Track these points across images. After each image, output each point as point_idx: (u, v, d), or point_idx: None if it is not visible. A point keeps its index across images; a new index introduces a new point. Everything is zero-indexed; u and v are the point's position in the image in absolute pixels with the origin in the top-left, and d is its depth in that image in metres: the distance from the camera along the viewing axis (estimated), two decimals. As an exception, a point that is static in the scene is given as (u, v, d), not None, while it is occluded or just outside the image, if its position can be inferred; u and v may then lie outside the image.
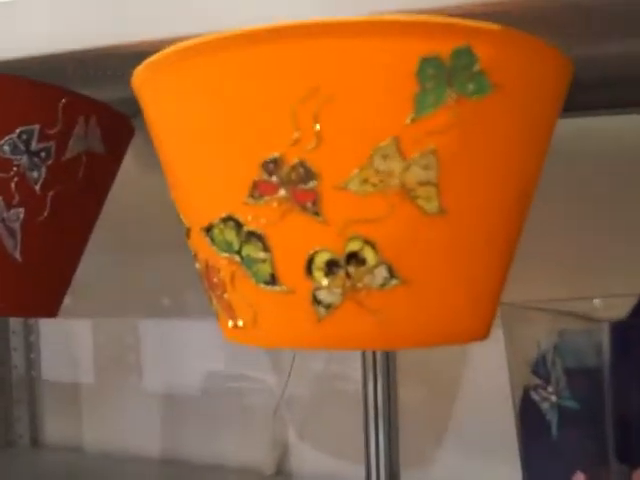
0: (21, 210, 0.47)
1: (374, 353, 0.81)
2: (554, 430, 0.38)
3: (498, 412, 0.76)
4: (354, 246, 0.33)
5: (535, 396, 0.40)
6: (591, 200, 0.72)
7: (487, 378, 0.78)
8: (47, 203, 0.48)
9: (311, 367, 0.85)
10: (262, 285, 0.35)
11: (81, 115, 0.48)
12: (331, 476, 0.83)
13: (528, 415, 0.40)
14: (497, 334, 0.75)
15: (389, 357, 0.80)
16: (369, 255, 0.33)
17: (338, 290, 0.33)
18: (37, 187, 0.47)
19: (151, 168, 0.90)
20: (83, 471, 0.91)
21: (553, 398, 0.38)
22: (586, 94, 0.65)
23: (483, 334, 0.37)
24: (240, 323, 0.36)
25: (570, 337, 0.40)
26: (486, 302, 0.37)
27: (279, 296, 0.34)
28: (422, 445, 0.81)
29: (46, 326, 1.02)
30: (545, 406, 0.39)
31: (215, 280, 0.37)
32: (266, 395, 0.87)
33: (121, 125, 0.54)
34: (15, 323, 1.02)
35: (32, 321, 1.02)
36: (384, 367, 0.80)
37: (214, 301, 0.39)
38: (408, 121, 0.32)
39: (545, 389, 0.39)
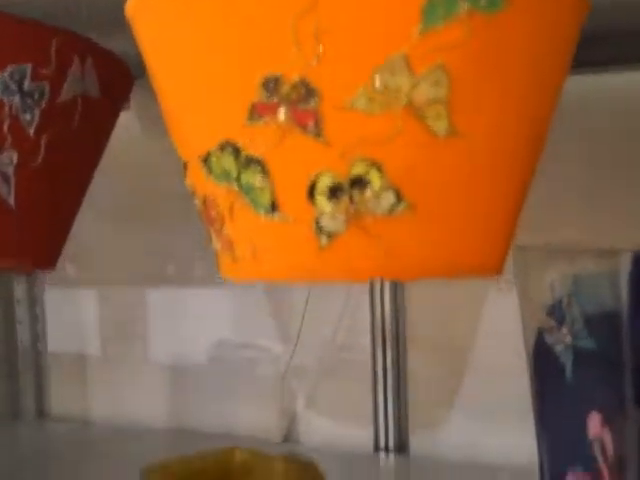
0: (14, 154, 0.45)
1: (383, 322, 0.79)
2: (568, 372, 0.36)
3: (508, 377, 0.74)
4: (359, 169, 0.31)
5: (549, 339, 0.38)
6: (607, 142, 0.70)
7: (497, 344, 0.76)
8: (41, 147, 0.46)
9: (319, 335, 0.83)
10: (262, 214, 0.33)
11: (76, 55, 0.46)
12: (340, 443, 0.82)
13: (541, 359, 0.39)
14: (508, 298, 0.74)
15: (398, 324, 0.79)
16: (374, 179, 0.31)
17: (341, 216, 0.31)
18: (31, 130, 0.45)
19: (158, 134, 0.88)
20: (90, 442, 0.90)
21: (568, 339, 0.36)
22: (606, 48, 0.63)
23: (494, 269, 0.36)
24: (239, 256, 0.34)
25: (587, 280, 0.38)
26: (498, 235, 0.35)
27: (279, 225, 0.33)
28: (431, 412, 0.79)
29: (51, 297, 1.01)
30: (559, 348, 0.37)
31: (213, 214, 0.36)
32: (274, 364, 0.85)
33: (119, 71, 0.52)
34: (20, 294, 1.00)
35: (37, 292, 1.01)
36: (393, 334, 0.79)
37: (213, 238, 0.38)
38: (416, 34, 0.30)
39: (560, 330, 0.37)
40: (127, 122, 0.86)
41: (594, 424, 0.35)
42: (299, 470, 0.47)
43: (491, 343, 0.77)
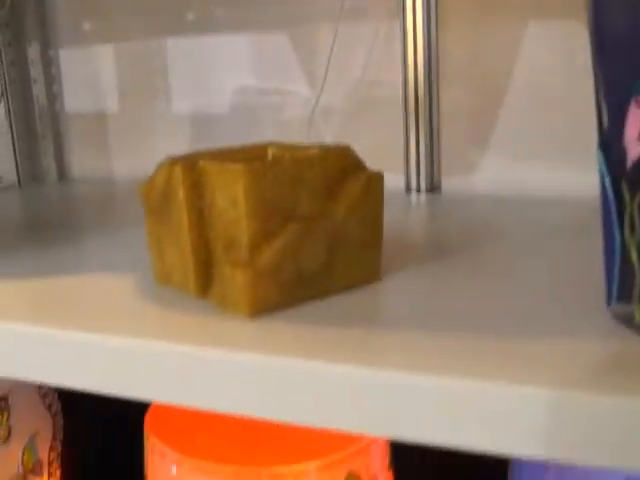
0: None
1: (415, 57, 0.75)
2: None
3: (545, 115, 0.71)
4: None
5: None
6: None
7: (536, 80, 0.72)
8: None
9: (348, 75, 0.80)
10: None
11: None
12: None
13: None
14: (545, 30, 0.69)
15: (431, 59, 0.75)
16: None
17: None
18: None
19: None
20: (114, 200, 0.88)
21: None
22: None
23: None
24: None
25: None
26: None
27: None
28: (464, 151, 0.77)
29: (66, 56, 0.97)
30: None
31: None
32: (300, 107, 0.82)
33: None
34: (33, 55, 0.97)
35: (51, 52, 0.97)
36: (426, 70, 0.75)
37: None
38: None
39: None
40: None
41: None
42: (337, 155, 0.45)
43: (531, 78, 0.73)
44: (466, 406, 0.31)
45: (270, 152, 0.49)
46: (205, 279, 0.45)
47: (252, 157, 0.49)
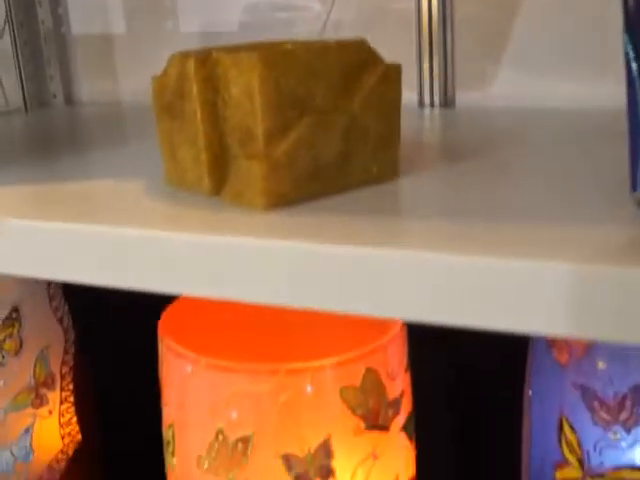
0: None
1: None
2: None
3: (561, 26, 0.69)
4: None
5: None
6: None
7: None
8: None
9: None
10: None
11: None
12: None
13: None
14: None
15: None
16: None
17: None
18: None
19: None
20: (122, 119, 0.87)
21: None
22: None
23: None
24: None
25: None
26: None
27: None
28: (479, 65, 0.75)
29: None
30: None
31: None
32: (312, 22, 0.81)
33: None
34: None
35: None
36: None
37: None
38: None
39: None
40: None
41: None
42: (353, 47, 0.44)
43: None
44: (488, 283, 0.31)
45: (284, 47, 0.48)
46: (219, 176, 0.44)
47: (266, 49, 0.47)
